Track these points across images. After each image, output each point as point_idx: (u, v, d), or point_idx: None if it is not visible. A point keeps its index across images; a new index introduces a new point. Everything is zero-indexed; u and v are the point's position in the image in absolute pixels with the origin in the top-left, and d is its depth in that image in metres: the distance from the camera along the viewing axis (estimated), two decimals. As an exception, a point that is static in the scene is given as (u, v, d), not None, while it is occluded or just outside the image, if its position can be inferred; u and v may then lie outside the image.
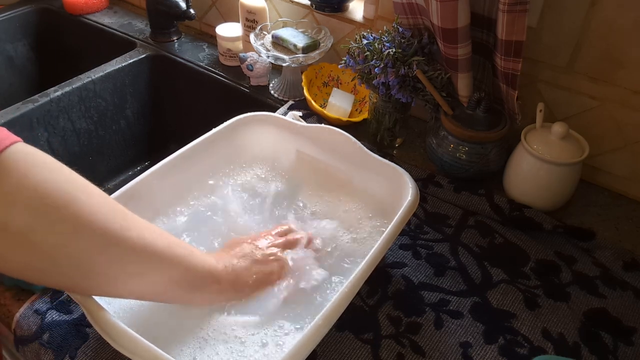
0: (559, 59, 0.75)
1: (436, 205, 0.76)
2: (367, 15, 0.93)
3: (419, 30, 0.79)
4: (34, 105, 0.94)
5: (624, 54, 0.70)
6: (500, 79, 0.73)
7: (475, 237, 0.71)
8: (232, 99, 1.02)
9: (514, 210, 0.73)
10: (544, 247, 0.70)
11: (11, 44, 1.22)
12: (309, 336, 0.47)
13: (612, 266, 0.68)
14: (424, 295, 0.63)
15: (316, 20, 0.98)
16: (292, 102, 0.95)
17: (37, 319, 0.58)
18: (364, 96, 0.94)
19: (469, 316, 0.61)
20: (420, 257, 0.68)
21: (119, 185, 0.72)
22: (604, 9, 0.69)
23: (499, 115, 0.77)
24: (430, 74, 0.75)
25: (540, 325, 0.61)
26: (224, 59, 1.05)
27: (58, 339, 0.56)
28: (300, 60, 0.90)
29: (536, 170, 0.72)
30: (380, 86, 0.78)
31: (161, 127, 1.18)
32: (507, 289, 0.65)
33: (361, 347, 0.57)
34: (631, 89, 0.72)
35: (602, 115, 0.76)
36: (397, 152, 0.87)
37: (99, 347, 0.56)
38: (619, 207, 0.78)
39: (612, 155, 0.78)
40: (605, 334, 0.60)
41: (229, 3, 1.09)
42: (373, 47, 0.78)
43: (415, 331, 0.59)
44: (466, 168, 0.78)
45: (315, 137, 0.73)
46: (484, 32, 0.74)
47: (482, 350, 0.58)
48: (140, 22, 1.21)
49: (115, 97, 1.06)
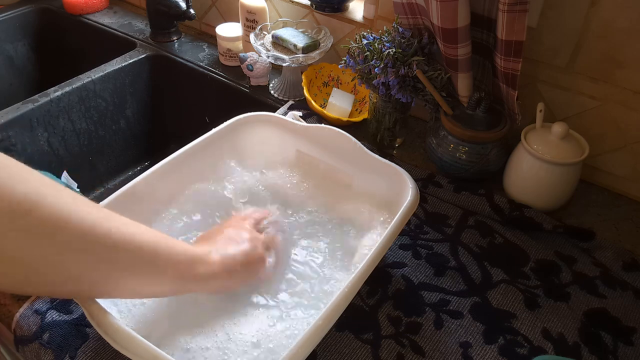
0: (559, 59, 0.75)
1: (436, 205, 0.76)
2: (367, 15, 0.93)
3: (419, 30, 0.79)
4: (34, 105, 0.94)
5: (624, 54, 0.70)
6: (500, 79, 0.73)
7: (475, 237, 0.71)
8: (232, 99, 1.02)
9: (514, 210, 0.73)
10: (544, 247, 0.70)
11: (11, 44, 1.22)
12: (309, 336, 0.47)
13: (612, 266, 0.68)
14: (424, 295, 0.63)
15: (316, 20, 0.98)
16: (292, 102, 0.95)
17: (37, 319, 0.58)
18: (364, 96, 0.94)
19: (469, 316, 0.61)
20: (420, 257, 0.68)
21: (119, 185, 0.72)
22: (604, 9, 0.69)
23: (499, 115, 0.77)
24: (430, 74, 0.75)
25: (540, 325, 0.61)
26: (224, 59, 1.05)
27: (58, 339, 0.56)
28: (300, 60, 0.90)
29: (536, 170, 0.72)
30: (380, 86, 0.78)
31: (161, 127, 1.18)
32: (507, 289, 0.65)
33: (361, 347, 0.57)
34: (631, 89, 0.72)
35: (602, 115, 0.76)
36: (397, 152, 0.87)
37: (99, 347, 0.56)
38: (619, 207, 0.78)
39: (612, 155, 0.78)
40: (605, 334, 0.60)
41: (229, 3, 1.09)
42: (373, 47, 0.78)
43: (415, 331, 0.59)
44: (466, 168, 0.78)
45: (315, 137, 0.73)
46: (484, 32, 0.74)
47: (482, 350, 0.58)
48: (140, 22, 1.21)
49: (115, 97, 1.06)
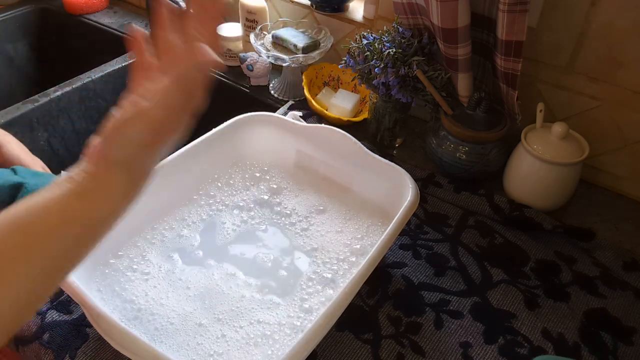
0: (559, 59, 0.75)
1: (436, 205, 0.76)
2: (367, 15, 0.93)
3: (419, 30, 0.79)
4: (34, 105, 0.94)
5: (624, 54, 0.70)
6: (500, 79, 0.73)
7: (475, 237, 0.71)
8: (232, 99, 1.02)
9: (514, 210, 0.73)
10: (544, 247, 0.70)
11: (11, 44, 1.22)
12: (309, 336, 0.47)
13: (612, 266, 0.68)
14: (424, 295, 0.63)
15: (316, 20, 0.98)
16: (292, 102, 0.95)
17: (37, 319, 0.58)
18: (364, 96, 0.94)
19: (469, 316, 0.61)
20: (421, 257, 0.68)
21: (119, 185, 0.72)
22: (604, 9, 0.69)
23: (499, 115, 0.77)
24: (430, 74, 0.75)
25: (540, 325, 0.61)
26: (224, 59, 1.05)
27: (58, 339, 0.56)
28: (300, 60, 0.90)
29: (536, 170, 0.72)
30: (381, 86, 0.78)
31: (161, 127, 1.18)
32: (507, 289, 0.65)
33: (361, 347, 0.57)
34: (631, 89, 0.72)
35: (602, 115, 0.76)
36: (397, 152, 0.87)
37: (99, 347, 0.56)
38: (619, 207, 0.78)
39: (612, 155, 0.78)
40: (605, 334, 0.60)
41: (229, 3, 1.09)
42: (373, 47, 0.78)
43: (415, 331, 0.59)
44: (466, 168, 0.78)
45: (315, 137, 0.73)
46: (484, 32, 0.74)
47: (482, 350, 0.58)
48: (140, 22, 1.21)
49: (115, 97, 1.06)
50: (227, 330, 0.55)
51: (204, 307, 0.58)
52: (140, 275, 0.60)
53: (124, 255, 0.62)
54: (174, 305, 0.57)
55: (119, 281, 0.59)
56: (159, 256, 0.63)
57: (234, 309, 0.57)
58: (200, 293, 0.59)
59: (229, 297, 0.59)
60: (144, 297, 0.58)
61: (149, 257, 0.62)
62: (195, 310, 0.57)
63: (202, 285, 0.60)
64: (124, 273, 0.60)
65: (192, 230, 0.67)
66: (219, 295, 0.59)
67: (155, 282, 0.60)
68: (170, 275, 0.61)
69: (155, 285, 0.59)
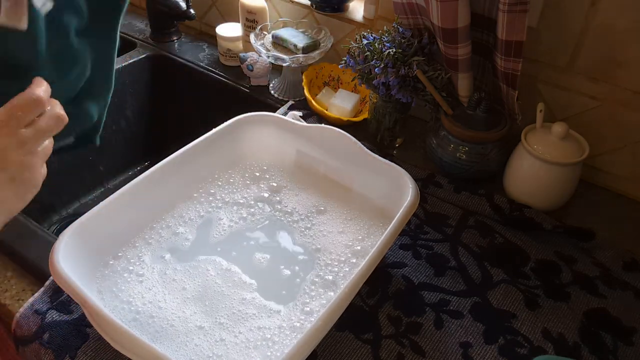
0: (559, 59, 0.75)
1: (436, 205, 0.76)
2: (367, 15, 0.93)
3: (419, 30, 0.79)
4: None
5: (624, 54, 0.70)
6: (500, 79, 0.73)
7: (475, 237, 0.71)
8: (232, 99, 1.02)
9: (514, 210, 0.73)
10: (544, 247, 0.70)
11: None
12: (309, 336, 0.47)
13: (612, 266, 0.68)
14: (424, 295, 0.63)
15: (316, 20, 0.98)
16: (292, 102, 0.95)
17: (37, 319, 0.58)
18: (364, 96, 0.94)
19: (469, 316, 0.61)
20: (421, 257, 0.68)
21: (119, 185, 0.72)
22: (604, 9, 0.69)
23: (499, 115, 0.77)
24: (430, 74, 0.75)
25: (540, 325, 0.61)
26: (224, 59, 1.05)
27: (58, 339, 0.56)
28: (301, 60, 0.90)
29: (536, 170, 0.72)
30: (381, 86, 0.78)
31: (161, 127, 1.18)
32: (507, 289, 0.65)
33: (361, 347, 0.57)
34: (631, 89, 0.72)
35: (602, 115, 0.76)
36: (397, 152, 0.87)
37: (99, 347, 0.56)
38: (619, 207, 0.78)
39: (612, 155, 0.78)
40: (605, 334, 0.60)
41: (229, 3, 1.09)
42: (373, 47, 0.78)
43: (416, 331, 0.59)
44: (466, 168, 0.78)
45: (315, 137, 0.73)
46: (484, 32, 0.74)
47: (482, 350, 0.58)
48: (140, 22, 1.21)
49: (115, 97, 1.06)
50: (225, 335, 0.55)
51: (204, 310, 0.57)
52: (136, 277, 0.60)
53: (122, 256, 0.62)
54: (172, 308, 0.57)
55: (116, 283, 0.59)
56: (153, 256, 0.63)
57: (235, 312, 0.57)
58: (198, 294, 0.59)
59: (229, 297, 0.59)
60: (140, 299, 0.58)
61: (144, 258, 0.62)
62: (195, 313, 0.57)
63: (199, 285, 0.60)
64: (121, 274, 0.60)
65: (189, 227, 0.67)
66: (219, 296, 0.59)
67: (150, 285, 0.59)
68: (163, 276, 0.61)
69: (150, 287, 0.59)
